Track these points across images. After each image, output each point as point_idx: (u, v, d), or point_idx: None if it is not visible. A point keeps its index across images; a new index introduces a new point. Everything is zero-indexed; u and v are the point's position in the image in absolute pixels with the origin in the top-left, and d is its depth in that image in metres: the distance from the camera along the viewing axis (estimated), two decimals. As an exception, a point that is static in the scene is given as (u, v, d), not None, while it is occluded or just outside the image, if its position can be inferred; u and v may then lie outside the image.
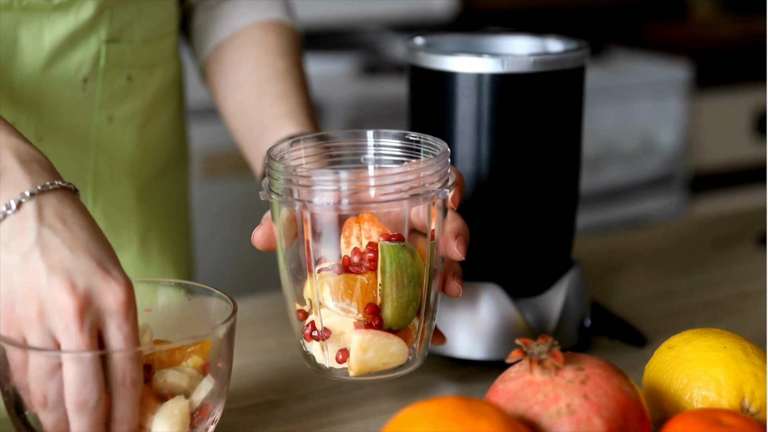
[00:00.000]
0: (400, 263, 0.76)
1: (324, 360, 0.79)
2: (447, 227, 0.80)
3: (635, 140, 2.38)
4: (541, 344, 0.69)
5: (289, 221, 0.78)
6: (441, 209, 0.79)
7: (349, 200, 0.76)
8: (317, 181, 0.76)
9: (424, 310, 0.79)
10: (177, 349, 0.75)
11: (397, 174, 0.76)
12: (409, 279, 0.77)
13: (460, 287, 0.82)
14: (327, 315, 0.78)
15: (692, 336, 0.77)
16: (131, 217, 1.07)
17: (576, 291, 0.97)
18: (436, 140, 0.81)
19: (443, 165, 0.78)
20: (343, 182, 0.76)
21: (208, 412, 0.76)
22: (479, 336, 0.94)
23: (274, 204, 0.79)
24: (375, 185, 0.76)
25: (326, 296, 0.77)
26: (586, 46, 0.95)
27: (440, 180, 0.78)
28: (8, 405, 0.74)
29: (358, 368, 0.77)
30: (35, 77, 0.95)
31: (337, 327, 0.78)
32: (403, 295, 0.77)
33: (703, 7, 2.98)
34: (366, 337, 0.77)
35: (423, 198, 0.77)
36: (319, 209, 0.76)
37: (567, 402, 0.67)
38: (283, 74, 1.03)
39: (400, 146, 0.83)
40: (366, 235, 0.78)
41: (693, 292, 1.13)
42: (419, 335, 0.80)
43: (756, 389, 0.73)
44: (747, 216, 1.39)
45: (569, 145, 0.95)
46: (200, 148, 1.85)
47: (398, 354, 0.78)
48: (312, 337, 0.79)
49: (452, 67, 0.91)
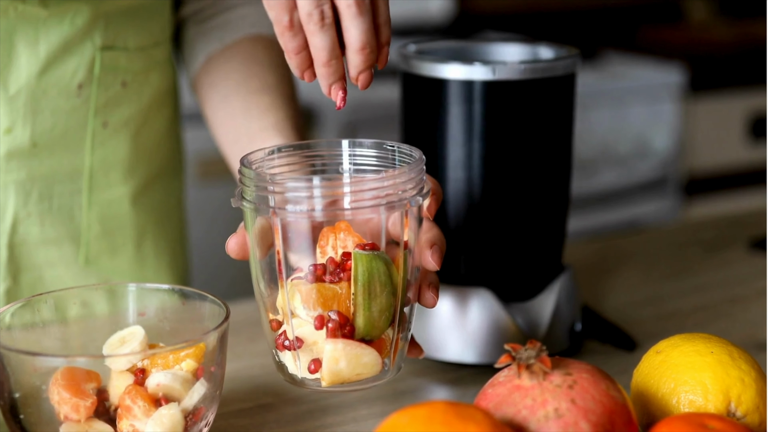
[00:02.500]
0: (372, 272, 0.75)
1: (296, 370, 0.78)
2: (422, 237, 0.79)
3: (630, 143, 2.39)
4: (529, 349, 0.70)
5: (263, 230, 0.78)
6: (415, 218, 0.78)
7: (321, 208, 0.75)
8: (289, 188, 0.75)
9: (398, 320, 0.78)
10: (171, 353, 0.76)
11: (370, 181, 0.75)
12: (382, 288, 0.76)
13: (435, 298, 0.81)
14: (299, 325, 0.77)
15: (680, 341, 0.78)
16: (126, 222, 1.08)
17: (567, 295, 0.98)
18: (411, 149, 0.80)
19: (417, 173, 0.77)
20: (316, 189, 0.75)
21: (201, 415, 0.76)
22: (471, 340, 0.95)
23: (246, 212, 0.78)
24: (348, 192, 0.75)
25: (298, 305, 0.77)
26: (577, 53, 0.96)
27: (415, 188, 0.77)
28: (3, 408, 0.75)
29: (330, 378, 0.76)
30: (31, 83, 0.97)
31: (309, 337, 0.77)
32: (376, 304, 0.76)
33: (699, 11, 2.99)
34: (338, 347, 0.75)
35: (396, 206, 0.76)
36: (291, 216, 0.75)
37: (555, 406, 0.67)
38: (271, 87, 1.03)
39: (376, 155, 0.82)
40: (342, 244, 0.77)
41: (684, 296, 1.14)
42: (393, 346, 0.78)
43: (742, 394, 0.74)
44: (739, 220, 1.40)
45: (560, 151, 0.96)
46: (195, 152, 1.86)
47: (371, 365, 0.77)
48: (284, 347, 0.78)
49: (444, 74, 0.92)
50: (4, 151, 0.98)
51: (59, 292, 0.84)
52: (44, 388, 0.75)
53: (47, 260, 1.04)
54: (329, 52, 0.76)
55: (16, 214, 1.01)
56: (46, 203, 1.02)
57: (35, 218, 1.02)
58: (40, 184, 1.01)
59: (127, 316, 0.84)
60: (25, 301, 0.82)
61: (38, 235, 1.03)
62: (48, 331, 0.83)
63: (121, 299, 0.85)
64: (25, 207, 1.01)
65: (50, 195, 1.02)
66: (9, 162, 0.99)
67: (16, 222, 1.01)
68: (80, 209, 1.04)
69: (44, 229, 1.03)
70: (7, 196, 1.00)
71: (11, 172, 0.99)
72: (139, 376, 0.76)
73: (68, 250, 1.04)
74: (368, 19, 0.75)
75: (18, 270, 1.03)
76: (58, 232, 1.03)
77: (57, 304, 0.83)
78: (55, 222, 1.03)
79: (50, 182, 1.02)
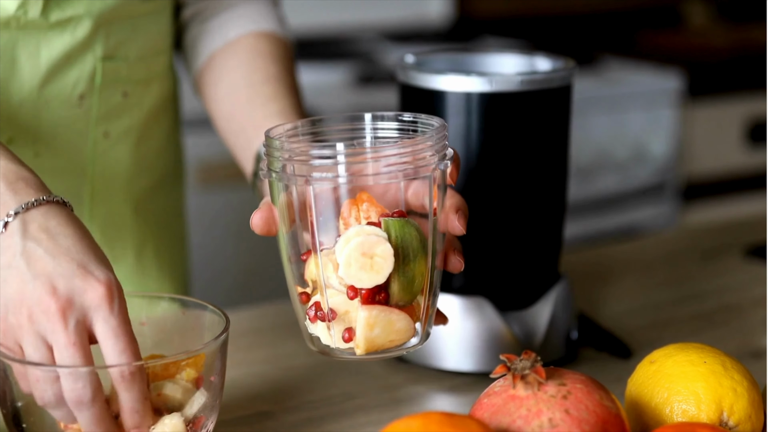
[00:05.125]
0: (405, 237, 0.76)
1: (330, 340, 0.78)
2: (447, 202, 0.80)
3: (627, 149, 2.40)
4: (524, 360, 0.71)
5: (289, 203, 0.78)
6: (441, 185, 0.78)
7: (348, 174, 0.75)
8: (316, 154, 0.75)
9: (428, 286, 0.78)
10: (171, 363, 0.77)
11: (396, 147, 0.76)
12: (415, 254, 0.76)
13: (461, 262, 0.81)
14: (331, 295, 0.77)
15: (673, 351, 0.79)
16: (127, 231, 1.09)
17: (563, 304, 0.99)
18: (431, 117, 0.81)
19: (441, 139, 0.78)
20: (342, 155, 0.75)
21: (201, 424, 0.77)
22: (468, 348, 0.96)
23: (273, 184, 0.78)
24: (374, 158, 0.76)
25: (331, 275, 0.76)
26: (574, 66, 0.97)
27: (438, 153, 0.78)
28: (6, 417, 0.76)
29: (366, 346, 0.76)
30: (32, 95, 0.97)
31: (341, 306, 0.77)
32: (409, 269, 0.76)
33: (697, 16, 2.99)
34: (372, 314, 0.75)
35: (423, 170, 0.76)
36: (318, 184, 0.76)
37: (549, 416, 0.68)
38: (274, 78, 1.04)
39: (397, 128, 0.82)
40: (365, 215, 0.77)
41: (680, 304, 1.15)
42: (425, 311, 0.78)
43: (734, 403, 0.75)
44: (735, 227, 1.41)
45: (556, 162, 0.97)
46: (194, 159, 1.87)
47: (404, 330, 0.77)
48: (317, 318, 0.78)
49: (441, 85, 0.93)
50: (6, 161, 0.99)
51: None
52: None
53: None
54: None
55: (19, 223, 1.01)
56: (48, 213, 1.03)
57: (37, 227, 1.02)
58: (41, 194, 1.02)
59: (128, 325, 0.85)
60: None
61: (40, 244, 1.03)
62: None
63: (122, 308, 0.86)
64: (27, 216, 1.02)
65: (52, 205, 1.03)
66: (11, 172, 0.99)
67: (19, 231, 1.02)
68: (82, 218, 1.05)
69: (46, 238, 1.03)
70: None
71: (13, 182, 1.00)
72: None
73: (70, 258, 1.05)
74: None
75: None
76: (59, 241, 1.04)
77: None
78: (57, 231, 1.04)
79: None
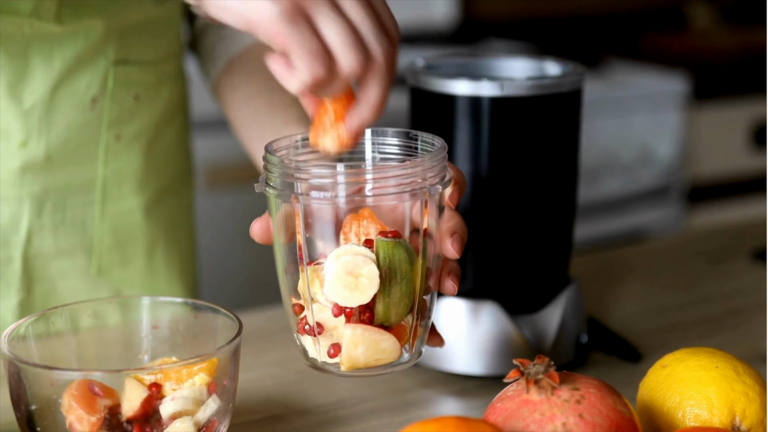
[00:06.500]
0: (392, 259, 0.76)
1: (316, 354, 0.79)
2: (443, 225, 0.80)
3: (633, 152, 2.40)
4: (537, 364, 0.71)
5: (288, 216, 0.78)
6: (436, 206, 0.79)
7: (343, 195, 0.75)
8: (313, 174, 0.76)
9: (417, 307, 0.78)
10: (184, 368, 0.77)
11: (392, 169, 0.76)
12: (402, 275, 0.76)
13: (455, 286, 0.81)
14: (319, 310, 0.78)
15: (685, 355, 0.79)
16: (138, 233, 1.09)
17: (573, 308, 0.99)
18: (434, 138, 0.81)
19: (439, 161, 0.78)
20: (339, 176, 0.76)
21: (213, 428, 0.78)
22: (478, 352, 0.96)
23: (270, 198, 0.79)
24: (370, 179, 0.76)
25: (317, 290, 0.77)
26: (584, 71, 0.97)
27: (436, 176, 0.78)
28: (20, 420, 0.77)
29: (349, 363, 0.77)
30: (45, 97, 0.98)
31: (330, 322, 0.77)
32: (395, 291, 0.76)
33: (702, 19, 3.00)
34: (357, 332, 0.76)
35: (416, 194, 0.76)
36: (315, 203, 0.76)
37: (563, 421, 0.69)
38: None
39: (398, 144, 0.83)
40: (365, 231, 0.78)
41: (687, 307, 1.15)
42: (412, 333, 0.79)
43: (747, 408, 0.75)
44: (742, 230, 1.41)
45: (566, 166, 0.98)
46: (203, 161, 1.87)
47: (390, 350, 0.77)
48: (305, 331, 0.79)
49: (452, 90, 0.94)
50: (19, 164, 1.00)
51: (73, 306, 0.85)
52: (60, 401, 0.76)
53: (60, 271, 1.05)
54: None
55: (31, 226, 1.02)
56: (60, 215, 1.03)
57: (49, 230, 1.03)
58: (53, 196, 1.02)
59: (141, 329, 0.86)
60: (40, 314, 0.83)
61: (52, 247, 1.04)
62: (62, 342, 0.84)
63: (135, 312, 0.86)
64: (39, 219, 1.02)
65: (63, 207, 1.03)
66: (24, 175, 1.00)
67: (31, 234, 1.02)
68: (93, 221, 1.06)
69: (57, 241, 1.04)
70: (22, 208, 1.01)
71: (26, 185, 1.01)
72: (152, 390, 0.77)
73: (81, 261, 1.06)
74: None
75: (32, 281, 1.04)
76: (71, 243, 1.05)
77: (71, 317, 0.85)
78: (68, 233, 1.04)
79: (64, 195, 1.03)
